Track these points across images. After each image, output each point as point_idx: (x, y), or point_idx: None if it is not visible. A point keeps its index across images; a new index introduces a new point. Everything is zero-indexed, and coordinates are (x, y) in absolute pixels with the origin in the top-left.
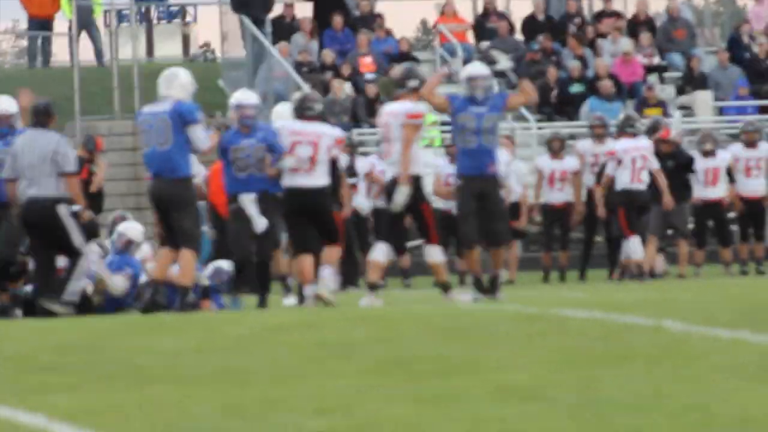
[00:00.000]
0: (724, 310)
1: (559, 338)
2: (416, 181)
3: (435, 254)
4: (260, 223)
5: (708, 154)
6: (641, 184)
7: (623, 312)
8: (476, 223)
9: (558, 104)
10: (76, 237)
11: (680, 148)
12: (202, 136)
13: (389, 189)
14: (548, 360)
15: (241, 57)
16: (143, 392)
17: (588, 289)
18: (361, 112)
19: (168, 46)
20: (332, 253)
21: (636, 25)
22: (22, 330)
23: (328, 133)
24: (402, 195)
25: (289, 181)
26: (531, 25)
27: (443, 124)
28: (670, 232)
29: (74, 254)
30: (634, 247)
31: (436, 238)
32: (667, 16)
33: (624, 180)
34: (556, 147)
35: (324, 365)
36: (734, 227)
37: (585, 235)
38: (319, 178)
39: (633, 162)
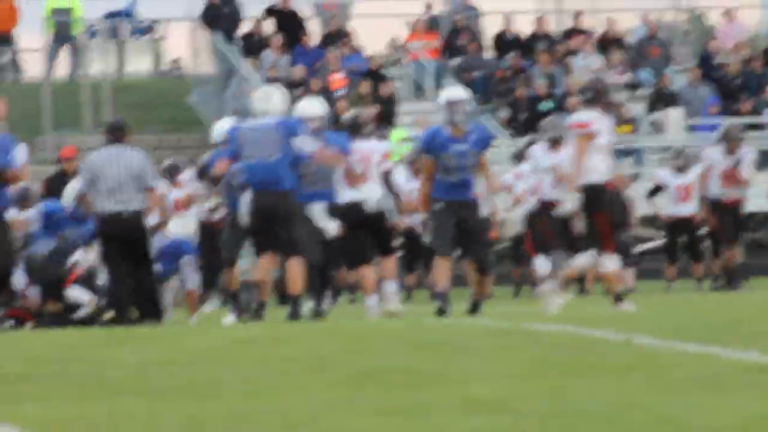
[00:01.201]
0: (695, 325)
1: (530, 351)
2: (592, 190)
3: (610, 263)
4: (331, 228)
5: (680, 170)
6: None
7: (594, 326)
8: (452, 240)
9: (527, 121)
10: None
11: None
12: (310, 141)
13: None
14: (518, 372)
15: (211, 73)
16: (112, 404)
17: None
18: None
19: (139, 62)
20: (390, 265)
21: (606, 43)
22: None
23: (377, 148)
24: (571, 202)
25: (345, 195)
26: (500, 43)
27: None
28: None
29: (148, 265)
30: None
31: (612, 247)
32: (645, 32)
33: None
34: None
35: (293, 379)
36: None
37: None
38: (373, 192)
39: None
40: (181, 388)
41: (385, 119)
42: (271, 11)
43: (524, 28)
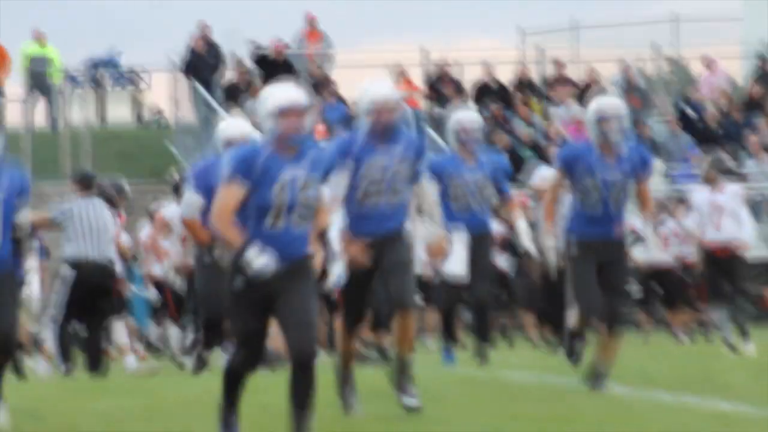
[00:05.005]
0: (668, 374)
1: (505, 401)
2: None
3: None
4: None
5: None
6: None
7: (569, 375)
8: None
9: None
10: None
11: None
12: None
13: None
14: (494, 423)
15: (193, 122)
16: None
17: (535, 352)
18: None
19: (120, 112)
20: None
21: (586, 93)
22: None
23: None
24: None
25: None
26: (482, 92)
27: None
28: None
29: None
30: None
31: None
32: (623, 84)
33: None
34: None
35: (270, 430)
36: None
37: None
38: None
39: None
40: None
41: None
42: (261, 61)
43: (505, 77)
